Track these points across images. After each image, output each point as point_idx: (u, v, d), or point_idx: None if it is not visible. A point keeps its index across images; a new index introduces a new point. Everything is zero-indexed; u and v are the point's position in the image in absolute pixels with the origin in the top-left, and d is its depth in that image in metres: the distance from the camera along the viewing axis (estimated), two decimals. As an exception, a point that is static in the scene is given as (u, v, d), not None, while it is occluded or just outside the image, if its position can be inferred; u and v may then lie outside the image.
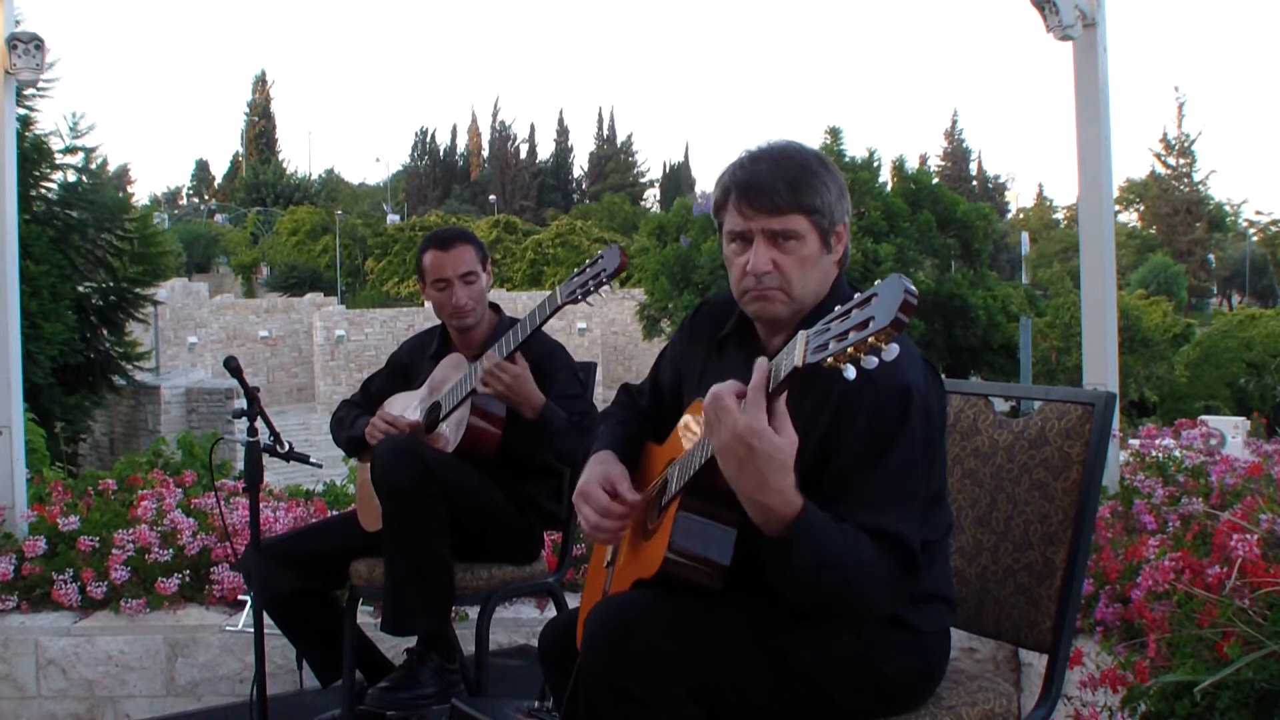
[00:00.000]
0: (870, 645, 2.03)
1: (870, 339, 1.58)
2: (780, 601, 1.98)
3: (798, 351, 1.70)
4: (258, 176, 65.71)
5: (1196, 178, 57.75)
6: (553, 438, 3.28)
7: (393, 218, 56.13)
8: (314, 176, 71.56)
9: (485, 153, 76.94)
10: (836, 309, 1.67)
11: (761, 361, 1.79)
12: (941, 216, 29.31)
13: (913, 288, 1.59)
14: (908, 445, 1.96)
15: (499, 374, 3.22)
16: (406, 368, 3.74)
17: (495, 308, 3.63)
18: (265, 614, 3.31)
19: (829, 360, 1.63)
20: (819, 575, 1.88)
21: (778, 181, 2.06)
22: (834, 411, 1.96)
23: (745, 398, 1.79)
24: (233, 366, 3.23)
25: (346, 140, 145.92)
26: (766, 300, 2.09)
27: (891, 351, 1.59)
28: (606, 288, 3.04)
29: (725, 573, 2.00)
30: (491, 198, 69.29)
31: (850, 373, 1.62)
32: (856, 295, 1.66)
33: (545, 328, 3.27)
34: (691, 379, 2.30)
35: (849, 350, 1.60)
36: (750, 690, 2.00)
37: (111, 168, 33.49)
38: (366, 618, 3.93)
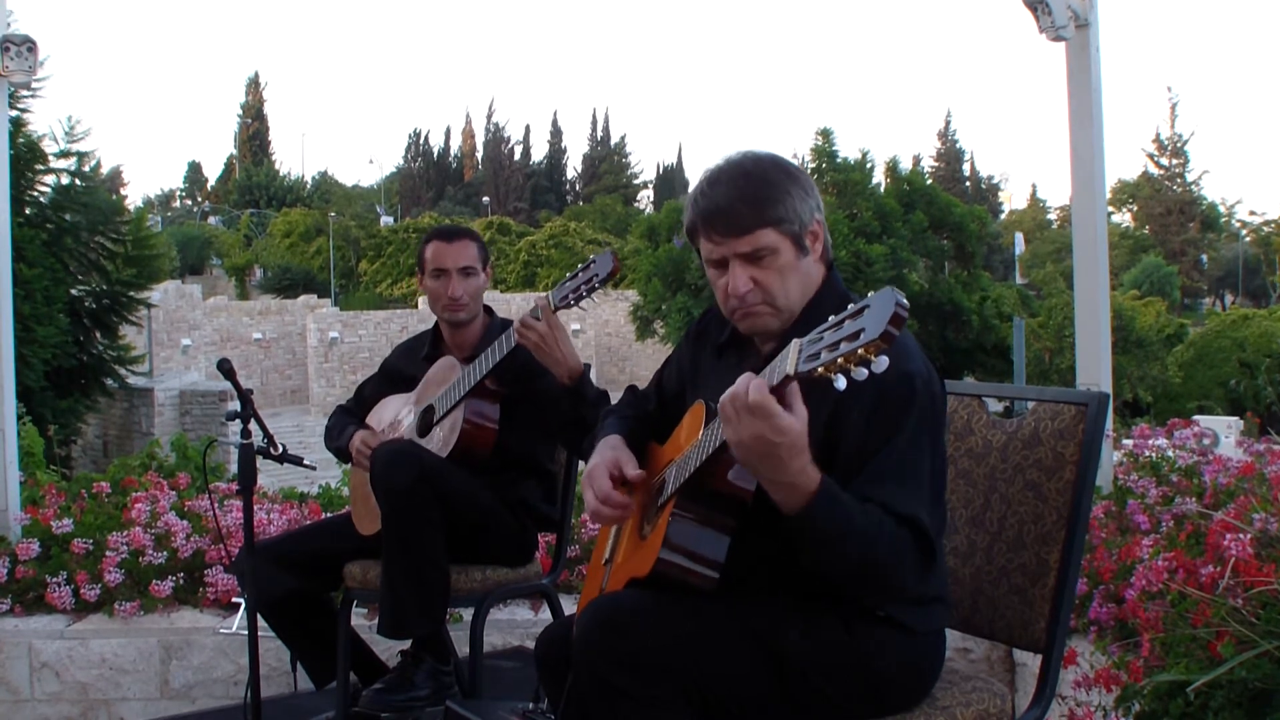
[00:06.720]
0: (865, 644, 2.04)
1: (860, 350, 1.60)
2: (790, 590, 2.00)
3: (790, 359, 1.73)
4: (251, 178, 65.57)
5: (1189, 178, 57.95)
6: (585, 408, 3.16)
7: (386, 219, 56.11)
8: (307, 178, 71.46)
9: (479, 154, 76.92)
10: (830, 319, 1.69)
11: (747, 377, 1.79)
12: (935, 218, 29.33)
13: (904, 300, 1.61)
14: (913, 428, 1.98)
15: (535, 325, 3.12)
16: (399, 371, 3.74)
17: (488, 310, 3.63)
18: (259, 616, 3.30)
19: (819, 370, 1.65)
20: (845, 546, 1.89)
21: (737, 203, 2.07)
22: (837, 398, 1.90)
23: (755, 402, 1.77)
24: (226, 369, 3.22)
25: (340, 142, 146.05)
26: (754, 317, 2.14)
27: (881, 364, 1.61)
28: (599, 291, 3.04)
29: (719, 576, 2.01)
30: (485, 199, 69.29)
31: (840, 383, 1.64)
32: (850, 305, 1.67)
33: None
34: (694, 381, 2.35)
35: (839, 361, 1.63)
36: (743, 689, 2.00)
37: (105, 170, 33.50)
38: (361, 619, 3.92)
